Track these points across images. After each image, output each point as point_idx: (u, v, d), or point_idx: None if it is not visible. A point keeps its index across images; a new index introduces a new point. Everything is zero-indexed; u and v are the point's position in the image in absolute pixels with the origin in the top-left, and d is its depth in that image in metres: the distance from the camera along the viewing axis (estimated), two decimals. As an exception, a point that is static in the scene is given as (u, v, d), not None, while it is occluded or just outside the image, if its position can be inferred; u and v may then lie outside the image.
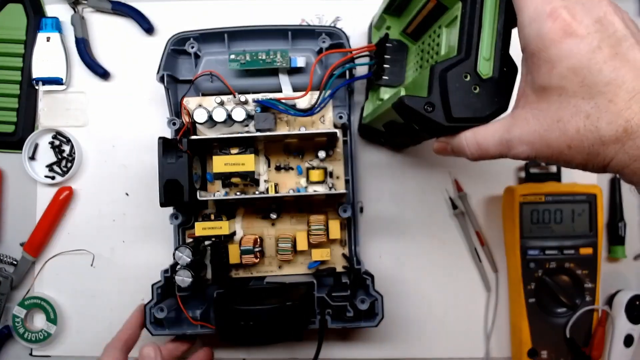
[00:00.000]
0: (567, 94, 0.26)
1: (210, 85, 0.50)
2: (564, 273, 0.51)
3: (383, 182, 0.56)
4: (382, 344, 0.55)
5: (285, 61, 0.48)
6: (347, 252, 0.52)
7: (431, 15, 0.39)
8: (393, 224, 0.56)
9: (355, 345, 0.55)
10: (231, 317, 0.43)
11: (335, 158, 0.51)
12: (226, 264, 0.49)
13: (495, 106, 0.32)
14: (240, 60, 0.48)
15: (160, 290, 0.48)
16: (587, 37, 0.26)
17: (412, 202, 0.56)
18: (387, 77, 0.46)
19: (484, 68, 0.32)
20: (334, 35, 0.50)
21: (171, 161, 0.46)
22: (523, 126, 0.29)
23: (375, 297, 0.47)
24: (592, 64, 0.25)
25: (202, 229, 0.47)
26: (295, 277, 0.51)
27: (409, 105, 0.32)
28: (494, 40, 0.32)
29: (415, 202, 0.56)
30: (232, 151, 0.48)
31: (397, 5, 0.45)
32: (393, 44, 0.46)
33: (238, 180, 0.47)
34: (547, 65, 0.27)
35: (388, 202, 0.56)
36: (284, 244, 0.49)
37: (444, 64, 0.32)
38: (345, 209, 0.50)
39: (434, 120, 0.32)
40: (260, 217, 0.52)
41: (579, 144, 0.26)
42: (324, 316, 0.47)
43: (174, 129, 0.49)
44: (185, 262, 0.45)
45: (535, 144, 0.28)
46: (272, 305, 0.43)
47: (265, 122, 0.48)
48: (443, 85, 0.32)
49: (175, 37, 0.50)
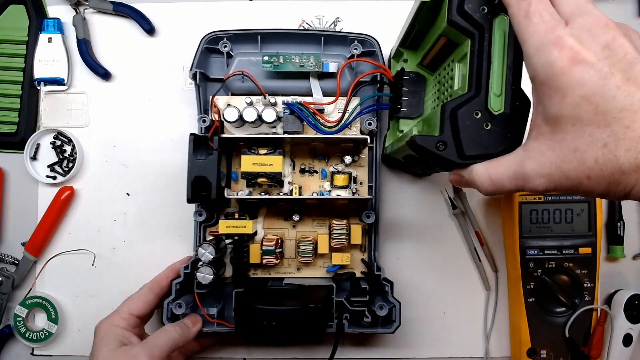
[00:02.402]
0: (582, 123, 0.25)
1: (240, 85, 0.51)
2: (563, 273, 0.51)
3: (383, 182, 0.56)
4: (382, 344, 0.55)
5: (317, 66, 0.49)
6: (366, 258, 0.52)
7: (444, 51, 0.39)
8: (393, 224, 0.56)
9: (357, 345, 0.55)
10: (252, 317, 0.44)
11: (360, 164, 0.52)
12: (246, 264, 0.49)
13: (508, 141, 0.31)
14: (273, 62, 0.49)
15: (178, 287, 0.48)
16: (597, 64, 0.25)
17: (411, 202, 0.56)
18: (405, 109, 0.47)
19: (495, 104, 0.32)
20: (366, 42, 0.51)
21: (201, 158, 0.46)
22: (538, 158, 0.28)
23: (393, 304, 0.47)
24: (605, 90, 0.25)
25: (226, 227, 0.48)
26: (313, 279, 0.51)
27: (421, 144, 0.32)
28: (504, 76, 0.32)
29: (414, 202, 0.56)
30: (261, 151, 0.48)
31: (411, 40, 0.45)
32: (410, 76, 0.46)
33: (264, 180, 0.48)
34: (558, 94, 0.26)
35: (387, 202, 0.56)
36: (305, 247, 0.49)
37: (454, 101, 0.32)
38: (369, 214, 0.50)
39: (447, 158, 0.32)
40: (282, 218, 0.52)
41: (598, 174, 0.25)
42: (341, 320, 0.47)
43: (203, 127, 0.50)
44: (208, 259, 0.45)
45: (553, 176, 0.27)
46: (294, 307, 0.43)
47: (293, 125, 0.49)
48: (454, 124, 0.32)
49: (209, 35, 0.51)
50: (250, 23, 0.57)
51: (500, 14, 0.32)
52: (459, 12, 0.32)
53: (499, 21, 0.32)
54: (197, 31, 0.56)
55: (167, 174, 0.56)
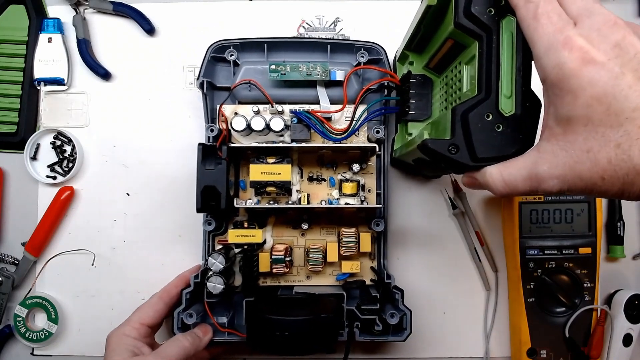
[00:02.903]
0: (594, 123, 0.25)
1: (247, 94, 0.51)
2: (563, 273, 0.51)
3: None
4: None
5: (325, 74, 0.49)
6: (375, 265, 0.52)
7: (451, 53, 0.39)
8: (394, 226, 0.56)
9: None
10: (265, 327, 0.43)
11: (367, 171, 0.52)
12: (256, 273, 0.49)
13: (521, 143, 0.31)
14: (280, 71, 0.49)
15: (189, 296, 0.48)
16: (608, 64, 0.25)
17: (411, 202, 0.56)
18: (413, 112, 0.47)
19: (506, 106, 0.32)
20: (372, 50, 0.51)
21: (210, 168, 0.46)
22: (551, 159, 0.28)
23: (404, 312, 0.47)
24: (617, 90, 0.24)
25: (236, 237, 0.48)
26: (323, 287, 0.51)
27: (433, 148, 0.33)
28: (513, 77, 0.32)
29: (414, 201, 0.56)
30: (269, 160, 0.48)
31: (416, 43, 0.45)
32: (417, 79, 0.46)
33: (273, 189, 0.48)
34: (569, 95, 0.26)
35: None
36: (315, 255, 0.49)
37: (465, 104, 0.32)
38: (378, 222, 0.50)
39: (459, 161, 0.32)
40: (290, 226, 0.52)
41: (612, 174, 0.25)
42: (352, 329, 0.47)
43: (211, 136, 0.49)
44: (219, 268, 0.45)
45: (566, 177, 0.27)
46: (307, 317, 0.43)
47: (301, 133, 0.49)
48: (465, 127, 0.32)
49: (216, 44, 0.51)
50: (250, 23, 0.57)
51: (507, 16, 0.32)
52: (466, 15, 0.32)
53: (506, 22, 0.32)
54: (197, 31, 0.57)
55: (167, 174, 0.56)
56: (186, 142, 0.56)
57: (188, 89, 0.56)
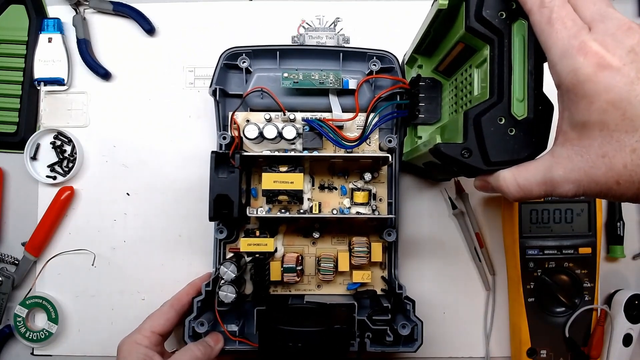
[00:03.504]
0: (609, 129, 0.25)
1: (259, 101, 0.50)
2: (563, 272, 0.51)
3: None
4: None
5: (337, 82, 0.49)
6: (385, 275, 0.52)
7: (461, 56, 0.39)
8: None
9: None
10: (277, 337, 0.43)
11: (379, 180, 0.52)
12: (267, 281, 0.48)
13: (534, 146, 0.31)
14: (293, 79, 0.48)
15: (200, 304, 0.47)
16: (623, 69, 0.25)
17: (411, 202, 0.56)
18: (422, 115, 0.46)
19: (518, 109, 0.32)
20: (385, 59, 0.51)
21: (222, 176, 0.46)
22: (566, 164, 0.28)
23: (415, 323, 0.47)
24: (632, 96, 0.24)
25: (247, 245, 0.47)
26: (334, 297, 0.51)
27: (446, 152, 0.32)
28: (525, 81, 0.32)
29: (414, 201, 0.56)
30: (281, 169, 0.48)
31: (425, 46, 0.45)
32: (426, 82, 0.46)
33: (284, 197, 0.48)
34: (584, 100, 0.26)
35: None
36: (326, 264, 0.49)
37: (477, 108, 0.32)
38: (390, 232, 0.50)
39: (473, 165, 0.32)
40: (301, 235, 0.52)
41: (628, 179, 0.25)
42: (363, 339, 0.47)
43: (224, 144, 0.49)
44: (230, 277, 0.44)
45: (581, 182, 0.27)
46: (320, 328, 0.43)
47: (313, 141, 0.49)
48: (478, 131, 0.32)
49: (228, 51, 0.50)
50: (250, 23, 0.57)
51: (518, 19, 0.32)
52: (477, 19, 0.32)
53: (518, 26, 0.32)
54: (197, 31, 0.57)
55: (167, 174, 0.56)
56: (186, 142, 0.56)
57: (188, 89, 0.56)
